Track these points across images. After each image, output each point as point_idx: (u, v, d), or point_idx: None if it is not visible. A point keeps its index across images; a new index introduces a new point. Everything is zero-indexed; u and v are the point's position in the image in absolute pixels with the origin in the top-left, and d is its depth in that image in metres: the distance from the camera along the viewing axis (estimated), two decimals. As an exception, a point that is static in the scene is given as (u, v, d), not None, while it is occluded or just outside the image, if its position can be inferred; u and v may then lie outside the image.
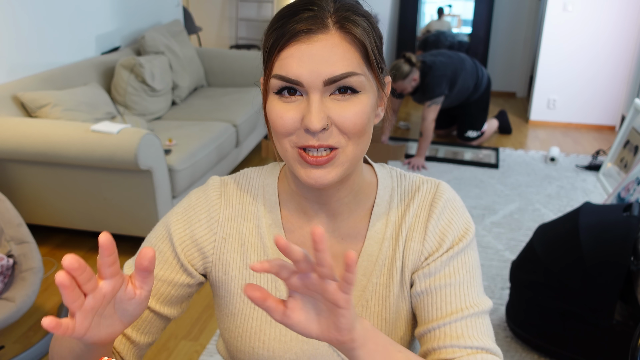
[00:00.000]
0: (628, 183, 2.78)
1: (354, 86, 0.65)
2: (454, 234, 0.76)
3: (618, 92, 4.46)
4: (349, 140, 0.67)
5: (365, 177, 0.79)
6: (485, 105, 4.09)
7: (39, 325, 2.11)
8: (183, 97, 3.62)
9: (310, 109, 0.64)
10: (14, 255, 1.86)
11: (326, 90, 0.65)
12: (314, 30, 0.64)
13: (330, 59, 0.63)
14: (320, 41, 0.64)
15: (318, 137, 0.65)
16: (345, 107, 0.65)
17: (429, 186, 0.79)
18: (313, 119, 0.63)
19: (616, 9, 4.26)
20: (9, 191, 2.46)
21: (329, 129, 0.65)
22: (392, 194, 0.79)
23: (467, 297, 0.73)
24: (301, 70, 0.63)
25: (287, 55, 0.64)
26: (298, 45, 0.64)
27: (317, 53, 0.63)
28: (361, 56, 0.66)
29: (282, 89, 0.66)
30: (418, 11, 5.47)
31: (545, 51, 4.50)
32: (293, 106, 0.65)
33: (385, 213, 0.79)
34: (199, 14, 5.75)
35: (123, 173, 2.34)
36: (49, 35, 2.92)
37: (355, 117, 0.65)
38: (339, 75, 0.64)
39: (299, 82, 0.64)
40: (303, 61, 0.63)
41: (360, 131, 0.66)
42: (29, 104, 2.51)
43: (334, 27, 0.64)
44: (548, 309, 1.89)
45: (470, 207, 3.12)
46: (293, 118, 0.65)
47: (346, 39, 0.65)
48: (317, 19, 0.64)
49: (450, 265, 0.75)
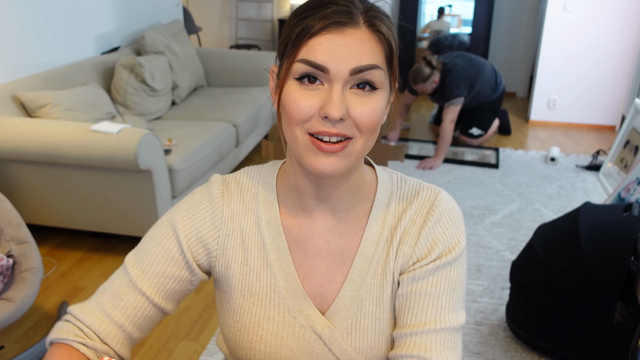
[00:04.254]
0: (628, 183, 2.78)
1: (374, 82, 0.67)
2: (445, 245, 0.77)
3: (618, 92, 4.46)
4: (362, 134, 0.68)
5: (365, 178, 0.80)
6: (496, 108, 4.11)
7: (38, 326, 2.11)
8: (183, 97, 3.62)
9: (332, 98, 0.65)
10: (13, 255, 1.86)
11: (348, 82, 0.66)
12: (346, 23, 0.66)
13: (358, 51, 0.65)
14: (351, 35, 0.66)
15: (335, 126, 0.66)
16: (363, 102, 0.67)
17: (428, 193, 0.80)
18: (334, 108, 0.65)
19: (616, 8, 4.26)
20: (9, 191, 2.46)
21: (346, 120, 0.67)
22: (390, 197, 0.80)
23: (443, 310, 0.75)
24: (329, 58, 0.65)
25: (317, 42, 0.66)
26: (329, 35, 0.66)
27: (347, 44, 0.65)
28: (385, 55, 0.69)
29: (304, 76, 0.67)
30: (418, 11, 5.47)
31: (545, 51, 4.50)
32: (312, 94, 0.67)
33: (382, 215, 0.80)
34: (199, 14, 5.75)
35: (123, 173, 2.33)
36: (49, 35, 2.92)
37: (372, 113, 0.67)
38: (365, 65, 0.66)
39: (325, 69, 0.65)
40: (333, 50, 0.65)
41: (374, 127, 0.69)
42: (28, 104, 2.51)
43: (364, 24, 0.67)
44: (548, 309, 1.89)
45: (470, 207, 3.12)
46: (312, 106, 0.66)
47: (374, 37, 0.67)
48: (349, 14, 0.66)
49: (435, 275, 0.76)
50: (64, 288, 2.34)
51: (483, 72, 3.84)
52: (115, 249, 2.64)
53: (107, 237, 2.72)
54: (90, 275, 2.44)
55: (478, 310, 2.21)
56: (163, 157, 2.40)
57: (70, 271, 2.47)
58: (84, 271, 2.47)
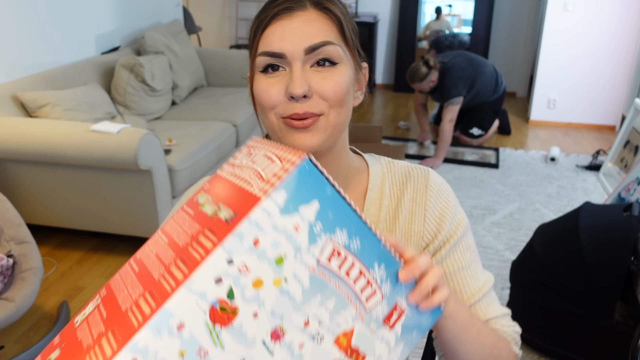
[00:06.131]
0: (628, 183, 2.78)
1: (332, 57, 0.70)
2: (451, 218, 0.81)
3: (618, 92, 4.46)
4: (331, 108, 0.71)
5: (353, 163, 0.83)
6: (497, 109, 4.10)
7: (38, 325, 2.10)
8: (183, 97, 3.62)
9: (293, 77, 0.69)
10: (13, 255, 1.86)
11: (307, 60, 0.70)
12: (293, 7, 0.70)
13: (309, 31, 0.69)
14: (299, 17, 0.70)
15: (302, 105, 0.69)
16: (325, 77, 0.70)
17: (419, 171, 0.83)
18: (295, 85, 0.68)
19: (616, 8, 4.26)
20: (9, 191, 2.46)
21: (311, 97, 0.70)
22: (383, 179, 0.83)
23: (477, 277, 0.81)
24: (283, 43, 0.69)
25: (270, 32, 0.70)
26: (280, 22, 0.70)
27: (297, 27, 0.69)
28: (338, 30, 0.72)
29: (267, 67, 0.71)
30: (418, 11, 5.46)
31: (545, 51, 4.50)
32: (277, 80, 0.70)
33: (378, 197, 0.82)
34: (199, 14, 5.75)
35: (123, 173, 2.33)
36: (49, 35, 2.92)
37: (335, 85, 0.70)
38: (318, 43, 0.69)
39: (282, 55, 0.69)
40: (285, 35, 0.69)
41: (341, 100, 0.71)
42: (29, 104, 2.50)
43: (310, 5, 0.71)
44: (548, 309, 1.89)
45: (470, 207, 3.12)
46: (278, 90, 0.70)
47: (323, 15, 0.71)
48: (295, 0, 0.71)
49: (457, 250, 0.81)
50: (64, 288, 2.34)
51: (483, 72, 3.84)
52: (115, 249, 2.64)
53: (107, 237, 2.72)
54: (90, 275, 2.44)
55: (478, 310, 2.21)
56: (163, 157, 2.40)
57: (70, 271, 2.47)
58: (84, 271, 2.47)
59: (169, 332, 0.45)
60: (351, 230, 0.52)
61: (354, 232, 0.52)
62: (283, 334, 0.51)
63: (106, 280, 2.41)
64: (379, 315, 0.56)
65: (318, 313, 0.52)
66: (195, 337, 0.46)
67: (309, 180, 0.49)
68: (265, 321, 0.49)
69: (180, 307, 0.45)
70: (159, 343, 0.45)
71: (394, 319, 0.57)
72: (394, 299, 0.56)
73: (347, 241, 0.52)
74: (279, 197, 0.47)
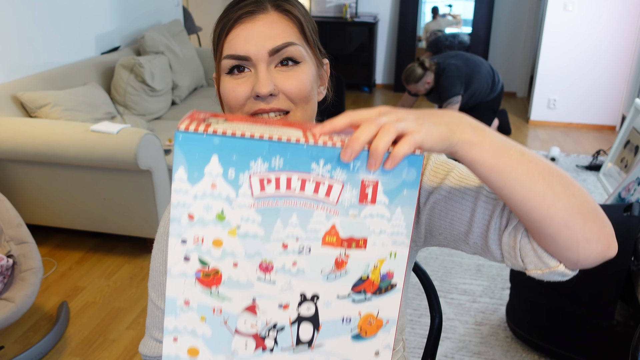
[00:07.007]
0: (628, 183, 2.77)
1: (294, 56, 0.73)
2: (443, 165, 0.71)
3: (618, 92, 4.46)
4: (297, 105, 0.73)
5: None
6: (495, 108, 4.09)
7: (38, 326, 2.10)
8: (183, 97, 3.62)
9: (259, 77, 0.71)
10: (13, 255, 1.86)
11: (271, 62, 0.72)
12: (255, 11, 0.72)
13: (271, 34, 0.72)
14: (261, 20, 0.72)
15: (268, 102, 0.72)
16: (289, 76, 0.73)
17: None
18: (261, 86, 0.70)
19: (616, 8, 4.26)
20: (9, 191, 2.46)
21: (277, 95, 0.72)
22: None
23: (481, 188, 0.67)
24: (248, 46, 0.71)
25: (234, 36, 0.72)
26: (243, 25, 0.72)
27: (259, 29, 0.72)
28: (299, 31, 0.74)
29: (232, 68, 0.73)
30: (418, 11, 5.46)
31: (545, 51, 4.49)
32: (243, 80, 0.73)
33: None
34: (199, 14, 5.75)
35: (123, 173, 2.33)
36: (49, 35, 2.92)
37: (299, 84, 0.72)
38: (280, 44, 0.71)
39: (247, 57, 0.71)
40: (248, 38, 0.71)
41: (306, 97, 0.74)
42: (28, 104, 2.50)
43: (271, 8, 0.73)
44: (548, 309, 1.89)
45: (471, 207, 3.12)
46: (244, 90, 0.72)
47: (283, 17, 0.73)
48: (256, 3, 0.73)
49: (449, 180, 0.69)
50: (63, 288, 2.34)
51: (479, 71, 3.82)
52: (115, 249, 2.64)
53: (107, 237, 2.72)
54: (90, 275, 2.44)
55: (478, 310, 2.21)
56: (163, 157, 2.40)
57: (70, 271, 2.47)
58: (84, 271, 2.47)
59: (181, 310, 0.58)
60: (264, 155, 0.54)
61: (267, 154, 0.54)
62: (271, 264, 0.57)
63: (106, 280, 2.41)
64: (352, 200, 0.56)
65: (289, 233, 0.56)
66: (202, 303, 0.58)
67: (192, 145, 0.53)
68: (246, 264, 0.57)
69: (175, 291, 0.58)
70: (181, 320, 0.58)
71: (370, 193, 0.56)
72: (357, 179, 0.55)
73: (268, 165, 0.54)
74: (180, 174, 0.54)
